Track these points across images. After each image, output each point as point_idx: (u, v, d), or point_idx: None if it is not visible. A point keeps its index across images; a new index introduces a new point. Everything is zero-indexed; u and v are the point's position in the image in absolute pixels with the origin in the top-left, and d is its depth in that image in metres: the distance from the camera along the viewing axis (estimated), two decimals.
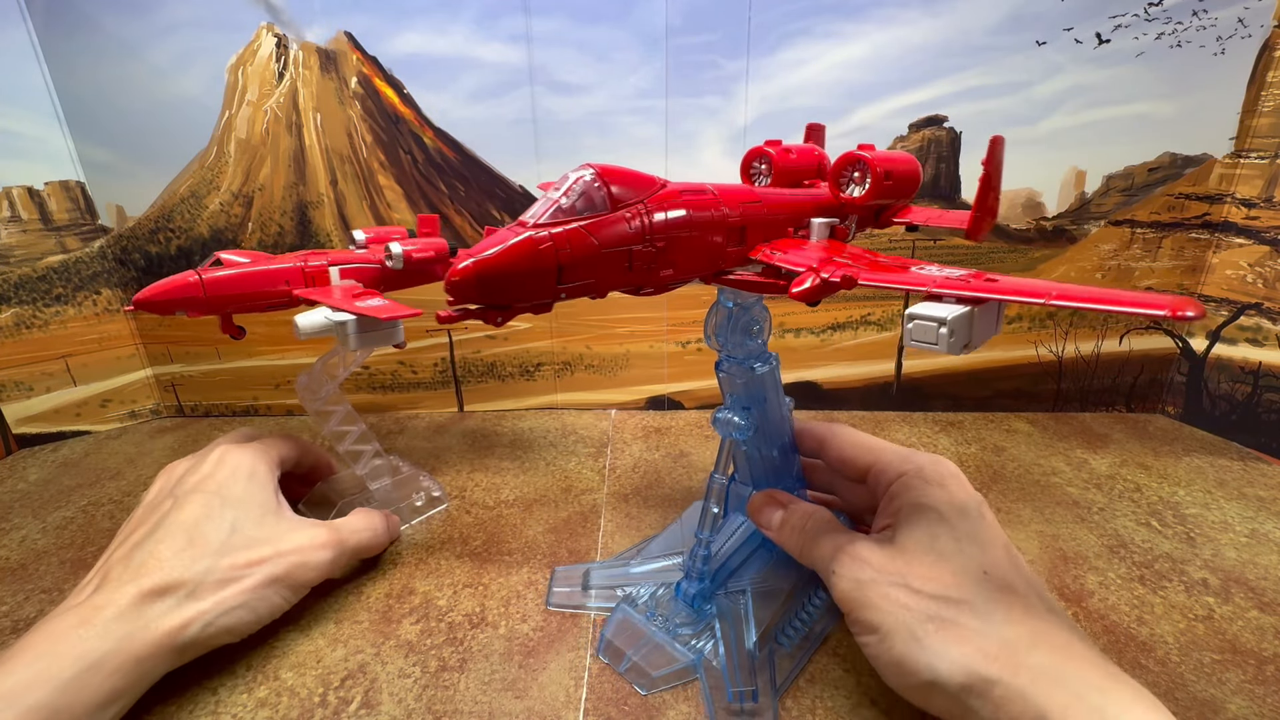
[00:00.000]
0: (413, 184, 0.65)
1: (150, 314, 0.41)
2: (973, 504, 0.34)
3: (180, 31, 0.60)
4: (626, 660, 0.37)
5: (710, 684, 0.36)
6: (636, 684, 0.36)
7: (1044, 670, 0.26)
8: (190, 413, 0.74)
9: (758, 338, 0.39)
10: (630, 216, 0.28)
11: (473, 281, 0.26)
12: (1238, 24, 0.57)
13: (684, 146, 0.63)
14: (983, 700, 0.27)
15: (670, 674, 0.36)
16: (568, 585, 0.44)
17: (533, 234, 0.26)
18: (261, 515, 0.40)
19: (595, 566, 0.44)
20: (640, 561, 0.45)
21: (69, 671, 0.30)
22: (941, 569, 0.31)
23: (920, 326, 0.26)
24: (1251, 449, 0.63)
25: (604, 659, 0.38)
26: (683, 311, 0.70)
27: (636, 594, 0.42)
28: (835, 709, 0.35)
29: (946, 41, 0.59)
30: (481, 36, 0.60)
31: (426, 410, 0.74)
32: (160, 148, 0.64)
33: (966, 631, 0.28)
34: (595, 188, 0.28)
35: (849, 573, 0.32)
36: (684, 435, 0.67)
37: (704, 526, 0.39)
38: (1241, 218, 0.62)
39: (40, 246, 0.64)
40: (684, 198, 0.31)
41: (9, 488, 0.59)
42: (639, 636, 0.38)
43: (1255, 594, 0.43)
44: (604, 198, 0.28)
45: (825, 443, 0.42)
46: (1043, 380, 0.71)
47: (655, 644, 0.38)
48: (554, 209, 0.27)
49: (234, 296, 0.43)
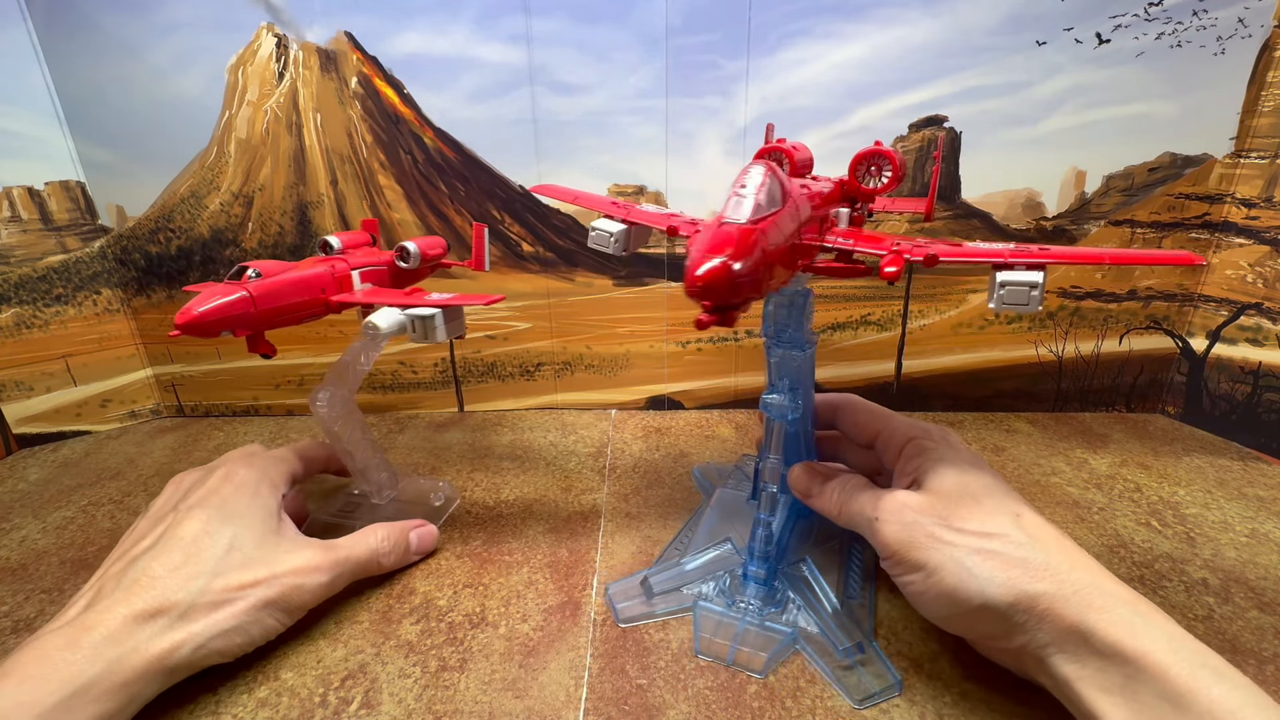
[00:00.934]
0: (413, 184, 0.65)
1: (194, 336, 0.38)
2: (981, 461, 0.38)
3: (180, 31, 0.60)
4: (731, 653, 0.38)
5: (815, 650, 0.38)
6: (750, 672, 0.37)
7: (1083, 585, 0.30)
8: (190, 413, 0.74)
9: (810, 320, 0.42)
10: (795, 209, 0.31)
11: (725, 281, 0.26)
12: (1238, 24, 0.57)
13: (684, 146, 0.63)
14: (1028, 614, 0.30)
15: (777, 653, 0.38)
16: (629, 599, 0.43)
17: (748, 227, 0.28)
18: (262, 535, 0.39)
19: (650, 573, 0.44)
20: (691, 557, 0.45)
21: (55, 697, 0.29)
22: (977, 509, 0.34)
23: (1013, 290, 0.31)
24: (1251, 449, 0.63)
25: (705, 659, 0.38)
26: (683, 311, 0.70)
27: (704, 590, 0.43)
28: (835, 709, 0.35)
29: (946, 41, 0.59)
30: (481, 36, 0.60)
31: (427, 410, 0.74)
32: (160, 148, 0.64)
33: (1011, 559, 0.31)
34: (773, 182, 0.30)
35: (894, 518, 0.35)
36: (684, 435, 0.67)
37: (763, 508, 0.41)
38: (1241, 218, 0.62)
39: (40, 246, 0.64)
40: (806, 191, 0.34)
41: (9, 488, 0.59)
42: (730, 629, 0.40)
43: (1255, 594, 0.43)
44: (780, 193, 0.30)
45: (839, 411, 0.46)
46: (1043, 380, 0.71)
47: (748, 631, 0.39)
48: (750, 204, 0.29)
49: (281, 309, 0.41)
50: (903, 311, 0.69)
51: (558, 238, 0.68)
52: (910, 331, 0.70)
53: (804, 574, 0.43)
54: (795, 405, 0.40)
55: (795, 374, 0.41)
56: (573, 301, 0.70)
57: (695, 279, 0.27)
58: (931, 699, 0.35)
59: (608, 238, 0.43)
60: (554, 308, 0.70)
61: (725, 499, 0.51)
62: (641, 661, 0.38)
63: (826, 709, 0.35)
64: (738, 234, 0.27)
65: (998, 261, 0.32)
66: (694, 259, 0.27)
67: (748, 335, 0.71)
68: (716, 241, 0.27)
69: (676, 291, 0.69)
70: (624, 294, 0.69)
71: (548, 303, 0.70)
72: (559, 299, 0.70)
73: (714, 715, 0.35)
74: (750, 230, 0.28)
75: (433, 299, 0.43)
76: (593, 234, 0.43)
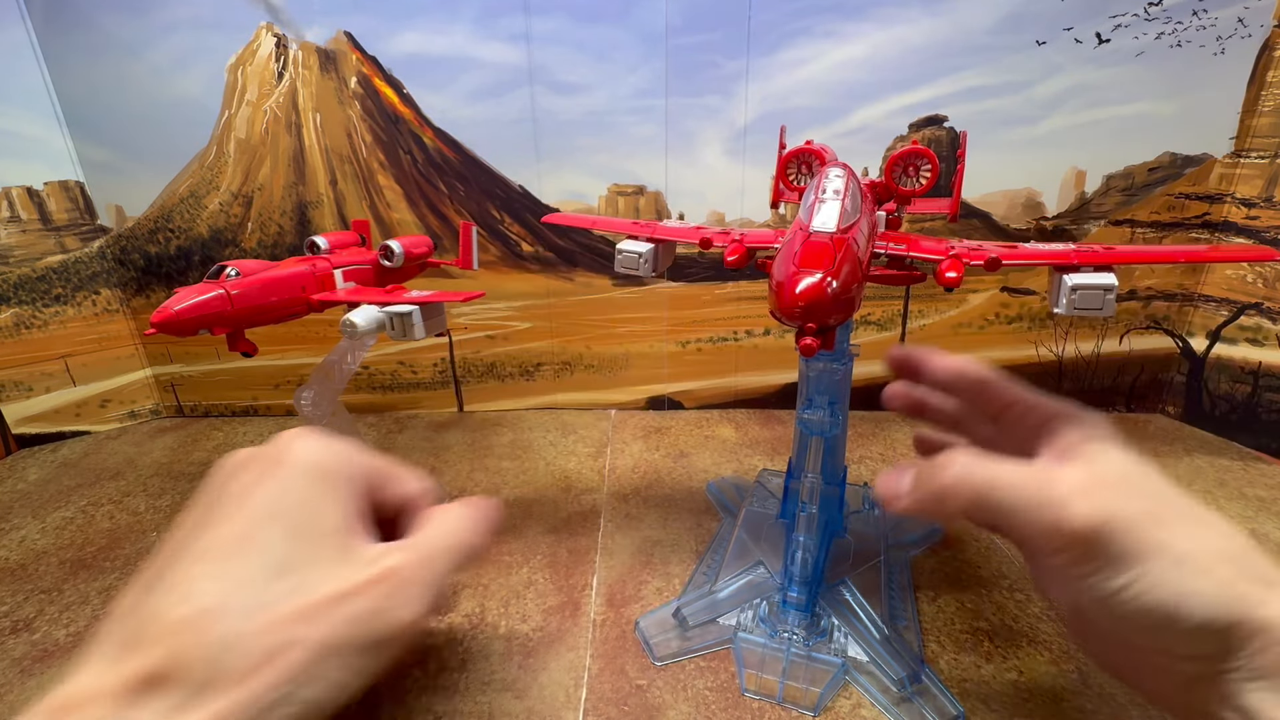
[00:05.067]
0: (412, 184, 0.65)
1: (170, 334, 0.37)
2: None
3: (180, 31, 0.60)
4: (780, 690, 0.36)
5: (868, 682, 0.36)
6: (803, 710, 0.35)
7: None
8: (190, 413, 0.74)
9: (850, 331, 0.41)
10: (872, 213, 0.30)
11: (828, 299, 0.24)
12: (1238, 24, 0.57)
13: (684, 146, 0.63)
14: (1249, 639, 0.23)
15: (830, 687, 0.35)
16: (664, 633, 0.40)
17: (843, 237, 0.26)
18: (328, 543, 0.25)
19: (682, 603, 0.41)
20: (724, 583, 0.43)
21: None
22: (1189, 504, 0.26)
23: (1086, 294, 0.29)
24: (1251, 449, 0.63)
25: (754, 697, 0.36)
26: (683, 311, 0.70)
27: (742, 620, 0.40)
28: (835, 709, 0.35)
29: (946, 41, 0.59)
30: (481, 36, 0.60)
31: (426, 410, 0.74)
32: (160, 148, 0.64)
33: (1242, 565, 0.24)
34: (857, 186, 0.29)
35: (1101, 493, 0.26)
36: (684, 435, 0.67)
37: (800, 529, 0.39)
38: (1241, 217, 0.62)
39: (40, 246, 0.64)
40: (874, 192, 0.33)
41: (9, 488, 0.59)
42: (775, 662, 0.37)
43: None
44: (860, 198, 0.29)
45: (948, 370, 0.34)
46: (1043, 380, 0.71)
47: (795, 663, 0.37)
48: (841, 212, 0.27)
49: (259, 307, 0.41)
50: (903, 311, 0.69)
51: (557, 237, 0.68)
52: (910, 331, 0.70)
53: (845, 598, 0.40)
54: (835, 420, 0.38)
55: (834, 388, 0.39)
56: (572, 301, 0.70)
57: (794, 298, 0.24)
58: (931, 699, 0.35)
59: (636, 259, 0.40)
60: (553, 308, 0.70)
61: (751, 518, 0.49)
62: (641, 661, 0.38)
63: (826, 709, 0.35)
64: (832, 244, 0.25)
65: (1060, 264, 0.31)
66: (788, 275, 0.24)
67: (748, 335, 0.71)
68: (811, 254, 0.25)
69: (677, 291, 0.69)
70: (624, 294, 0.69)
71: (547, 303, 0.70)
72: (558, 299, 0.70)
73: (714, 715, 0.34)
74: (843, 240, 0.26)
75: (411, 296, 0.43)
76: (620, 257, 0.41)
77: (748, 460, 0.62)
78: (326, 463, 0.27)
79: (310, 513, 0.25)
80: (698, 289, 0.69)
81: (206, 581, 0.22)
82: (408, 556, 0.26)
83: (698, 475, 0.59)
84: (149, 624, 0.21)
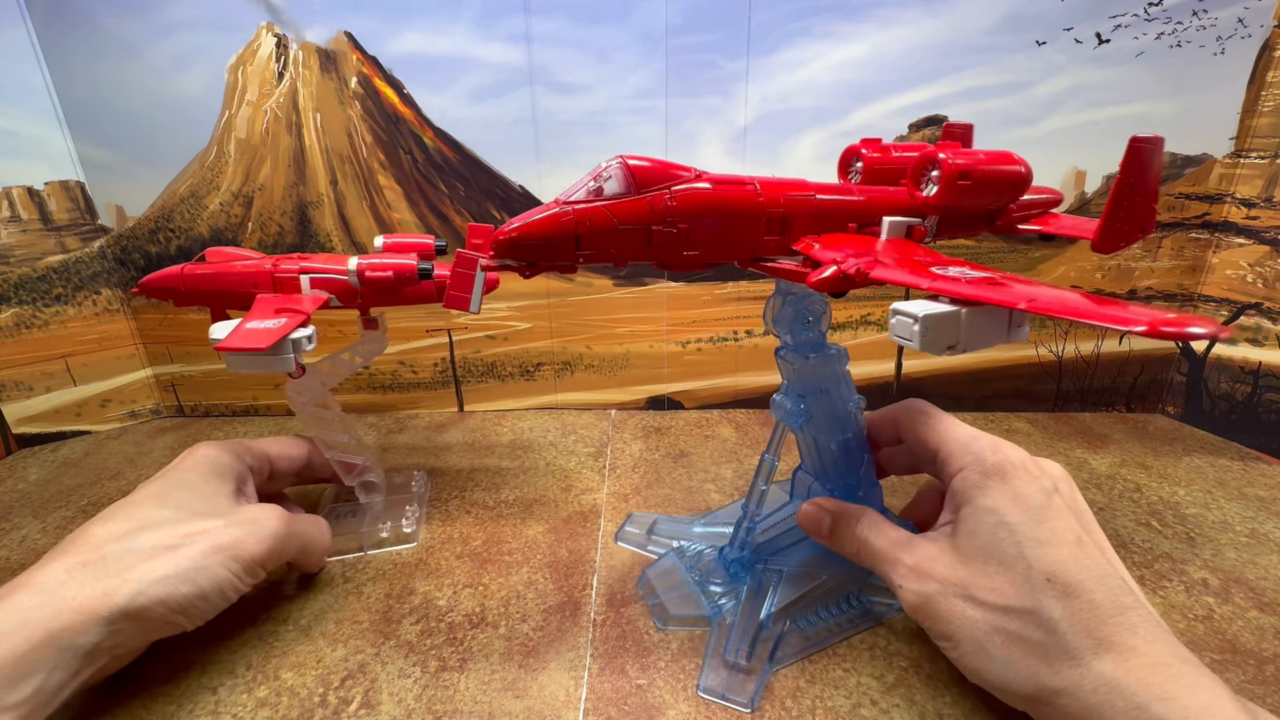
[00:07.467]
0: (413, 184, 0.65)
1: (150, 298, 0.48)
2: (1038, 497, 0.31)
3: (180, 31, 0.60)
4: (655, 597, 0.42)
5: (717, 637, 0.39)
6: (656, 619, 0.41)
7: (1107, 680, 0.27)
8: (190, 413, 0.74)
9: (814, 328, 0.39)
10: (652, 200, 0.32)
11: (507, 244, 0.31)
12: (1238, 24, 0.57)
13: (684, 146, 0.63)
14: (1050, 708, 0.28)
15: (686, 618, 0.41)
16: (636, 528, 0.50)
17: (558, 210, 0.31)
18: (212, 497, 0.39)
19: (663, 519, 0.50)
20: (704, 525, 0.49)
21: None
22: (1004, 579, 0.30)
23: (899, 322, 0.28)
24: (1251, 449, 0.63)
25: (639, 591, 0.43)
26: (683, 311, 0.70)
27: (688, 548, 0.46)
28: (835, 709, 0.35)
29: (946, 41, 0.59)
30: (481, 36, 0.60)
31: (427, 410, 0.74)
32: (160, 148, 0.64)
33: (1031, 644, 0.29)
34: (621, 174, 0.32)
35: (913, 586, 0.33)
36: (684, 435, 0.67)
37: (750, 501, 0.42)
38: (1241, 218, 0.62)
39: (40, 246, 0.64)
40: (715, 188, 0.33)
41: (9, 488, 0.59)
42: (675, 582, 0.43)
43: (1255, 594, 0.43)
44: (629, 183, 0.32)
45: (898, 425, 0.40)
46: (1042, 380, 0.71)
47: (685, 592, 0.42)
48: (584, 190, 0.31)
49: (206, 292, 0.46)
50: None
51: None
52: None
53: (769, 580, 0.42)
54: (798, 412, 0.39)
55: (797, 380, 0.39)
56: (573, 301, 0.70)
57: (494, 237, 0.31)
58: (931, 699, 0.35)
59: None
60: (554, 308, 0.70)
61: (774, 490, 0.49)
62: (641, 661, 0.38)
63: (826, 709, 0.35)
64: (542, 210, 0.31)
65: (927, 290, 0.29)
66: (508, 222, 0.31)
67: (748, 335, 0.71)
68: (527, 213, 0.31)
69: (677, 291, 0.69)
70: (624, 294, 0.69)
71: (548, 303, 0.70)
72: (559, 299, 0.70)
73: (714, 715, 0.35)
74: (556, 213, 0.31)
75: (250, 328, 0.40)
76: None
77: (748, 460, 0.62)
78: (213, 459, 0.42)
79: (199, 487, 0.40)
80: (698, 289, 0.69)
81: (123, 521, 0.36)
82: (267, 513, 0.40)
83: (698, 475, 0.59)
84: (82, 538, 0.35)
